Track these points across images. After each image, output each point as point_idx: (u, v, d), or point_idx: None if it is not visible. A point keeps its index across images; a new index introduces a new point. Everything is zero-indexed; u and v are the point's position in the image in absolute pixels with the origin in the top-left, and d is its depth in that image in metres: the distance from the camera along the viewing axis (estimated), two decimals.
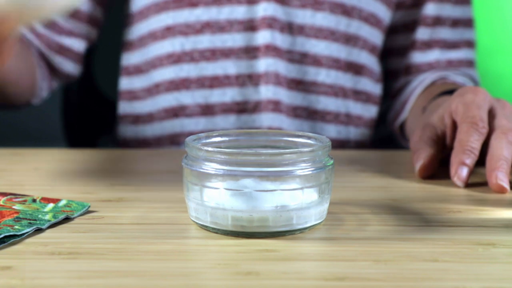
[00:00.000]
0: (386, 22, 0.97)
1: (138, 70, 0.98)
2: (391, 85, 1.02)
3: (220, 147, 0.56)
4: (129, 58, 0.99)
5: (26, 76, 0.91)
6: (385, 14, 0.96)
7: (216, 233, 0.52)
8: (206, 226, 0.53)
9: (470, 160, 0.67)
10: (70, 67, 0.99)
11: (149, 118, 0.97)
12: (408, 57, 0.99)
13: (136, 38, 0.98)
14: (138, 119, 0.98)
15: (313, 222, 0.53)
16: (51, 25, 0.96)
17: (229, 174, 0.51)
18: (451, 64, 0.99)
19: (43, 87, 0.97)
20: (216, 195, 0.52)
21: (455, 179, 0.67)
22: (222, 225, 0.52)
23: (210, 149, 0.52)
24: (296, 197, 0.51)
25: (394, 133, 0.99)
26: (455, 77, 0.94)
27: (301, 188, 0.52)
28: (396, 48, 1.01)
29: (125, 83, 0.99)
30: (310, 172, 0.52)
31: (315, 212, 0.53)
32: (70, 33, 0.98)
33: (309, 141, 0.57)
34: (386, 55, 1.02)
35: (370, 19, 0.95)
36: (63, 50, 0.97)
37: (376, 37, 0.96)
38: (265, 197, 0.51)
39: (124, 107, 0.99)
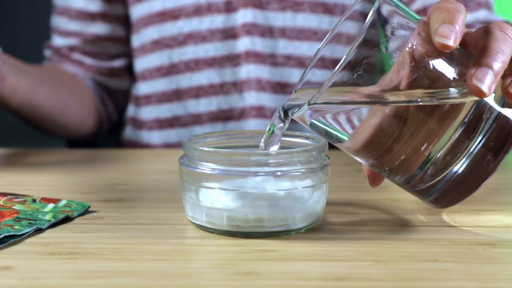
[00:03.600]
0: None
1: (139, 78, 0.99)
2: None
3: (218, 147, 0.56)
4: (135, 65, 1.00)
5: (72, 105, 0.93)
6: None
7: (212, 232, 0.52)
8: (202, 226, 0.53)
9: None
10: (127, 85, 1.01)
11: (147, 125, 0.97)
12: (418, 2, 0.93)
13: (136, 48, 0.99)
14: (140, 125, 0.99)
15: (309, 222, 0.53)
16: (96, 55, 0.99)
17: (225, 174, 0.51)
18: (466, 2, 0.91)
19: (110, 111, 1.01)
20: (211, 195, 0.52)
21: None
22: (217, 225, 0.52)
23: (206, 149, 0.52)
24: (292, 197, 0.51)
25: None
26: None
27: (297, 188, 0.52)
28: None
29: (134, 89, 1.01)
30: (306, 172, 0.52)
31: (311, 213, 0.53)
32: (115, 56, 1.00)
33: (306, 141, 0.57)
34: None
35: (355, 15, 0.94)
36: (115, 72, 1.00)
37: None
38: (261, 197, 0.51)
39: (131, 111, 1.01)
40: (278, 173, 0.51)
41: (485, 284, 0.44)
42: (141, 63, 0.97)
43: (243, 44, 0.91)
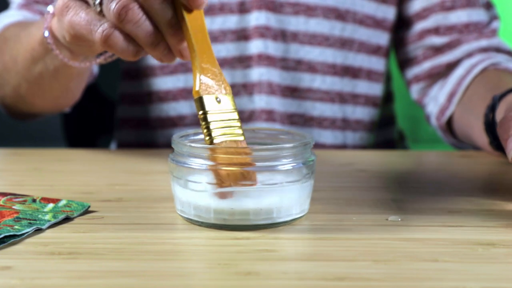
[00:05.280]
0: (391, 20, 0.96)
1: (136, 76, 0.98)
2: (415, 62, 0.97)
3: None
4: (127, 63, 0.99)
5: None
6: (386, 12, 0.95)
7: (200, 226, 0.54)
8: (190, 219, 0.54)
9: None
10: (96, 69, 0.97)
11: (147, 125, 0.97)
12: (431, 20, 0.94)
13: None
14: (137, 124, 0.98)
15: (294, 216, 0.54)
16: None
17: (212, 169, 0.52)
18: (481, 29, 0.93)
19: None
20: (198, 189, 0.53)
21: None
22: (205, 218, 0.53)
23: (193, 144, 0.54)
24: (276, 191, 0.53)
25: (438, 129, 0.93)
26: (507, 63, 0.88)
27: (281, 183, 0.53)
28: (415, 13, 0.96)
29: (125, 87, 0.99)
30: (291, 168, 0.53)
31: (295, 206, 0.54)
32: None
33: (291, 137, 0.58)
34: (405, 25, 0.97)
35: (367, 21, 0.94)
36: None
37: (377, 37, 0.95)
38: (246, 191, 0.52)
39: (124, 111, 0.99)
40: (263, 168, 0.52)
41: (485, 284, 0.44)
42: (144, 60, 0.96)
43: (256, 46, 0.90)
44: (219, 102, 0.55)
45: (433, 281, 0.44)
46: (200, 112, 0.54)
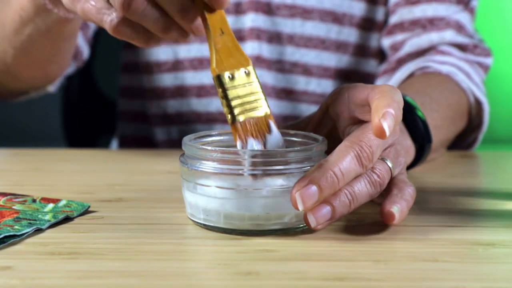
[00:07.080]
0: (383, 20, 0.95)
1: (135, 71, 0.97)
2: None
3: (218, 146, 0.56)
4: (128, 56, 0.98)
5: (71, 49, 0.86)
6: (381, 14, 0.94)
7: (210, 230, 0.53)
8: (200, 224, 0.53)
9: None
10: (86, 52, 0.95)
11: (146, 120, 0.97)
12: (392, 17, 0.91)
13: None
14: (136, 118, 0.98)
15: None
16: None
17: (223, 172, 0.51)
18: (433, 23, 0.89)
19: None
20: (209, 193, 0.52)
21: None
22: (214, 222, 0.52)
23: (204, 147, 0.53)
24: (288, 196, 0.51)
25: None
26: (440, 66, 0.83)
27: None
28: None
29: (124, 80, 0.99)
30: (304, 171, 0.52)
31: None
32: None
33: (305, 140, 0.57)
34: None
35: (364, 24, 0.94)
36: (85, 27, 0.90)
37: (374, 40, 0.95)
38: (257, 195, 0.51)
39: (124, 104, 0.99)
40: (277, 172, 0.51)
41: (485, 284, 0.44)
42: (142, 55, 0.95)
43: (250, 48, 0.90)
44: (237, 77, 0.53)
45: (433, 281, 0.44)
46: (220, 90, 0.52)
